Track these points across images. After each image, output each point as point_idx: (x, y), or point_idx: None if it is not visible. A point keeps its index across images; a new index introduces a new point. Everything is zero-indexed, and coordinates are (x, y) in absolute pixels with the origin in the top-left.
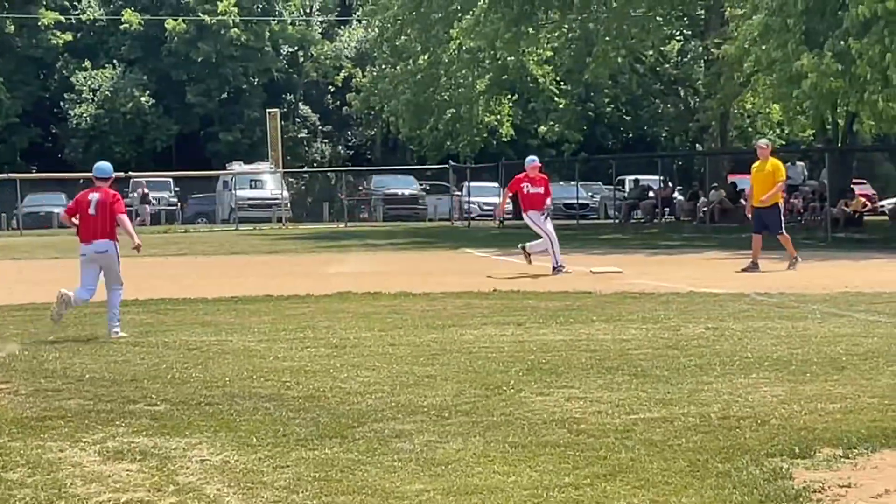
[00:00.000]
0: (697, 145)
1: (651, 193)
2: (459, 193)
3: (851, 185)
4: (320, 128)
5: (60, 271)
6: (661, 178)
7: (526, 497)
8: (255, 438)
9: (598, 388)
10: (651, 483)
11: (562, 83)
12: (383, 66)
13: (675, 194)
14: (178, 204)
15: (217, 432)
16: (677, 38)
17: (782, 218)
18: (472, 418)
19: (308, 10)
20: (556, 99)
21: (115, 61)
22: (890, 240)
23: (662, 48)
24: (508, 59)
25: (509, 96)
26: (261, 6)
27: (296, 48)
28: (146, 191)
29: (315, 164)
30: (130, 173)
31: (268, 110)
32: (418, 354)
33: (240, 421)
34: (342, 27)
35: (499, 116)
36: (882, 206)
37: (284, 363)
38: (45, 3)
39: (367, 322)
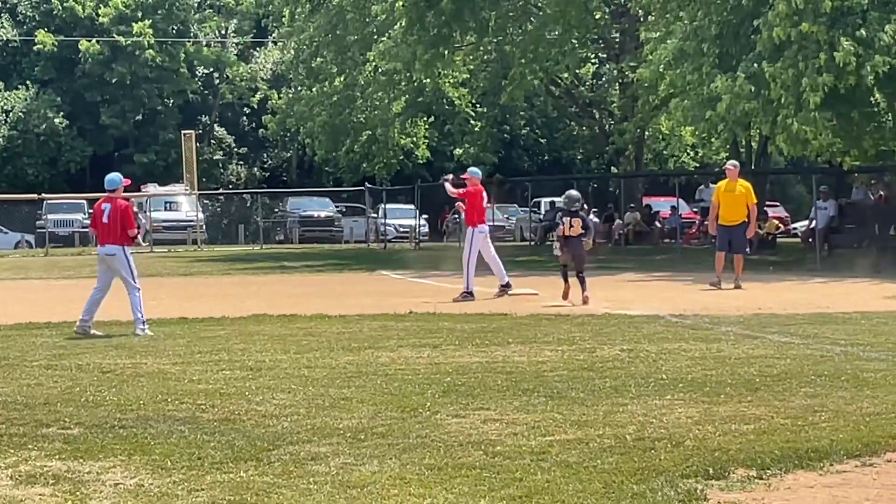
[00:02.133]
0: (613, 168)
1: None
2: (375, 215)
3: (765, 208)
4: (236, 150)
5: None
6: None
7: None
8: (170, 462)
9: (514, 410)
10: None
11: (477, 105)
12: (299, 88)
13: (591, 216)
14: None
15: (131, 456)
16: (592, 61)
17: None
18: (388, 440)
19: (223, 32)
20: (471, 121)
21: (28, 82)
22: (802, 262)
23: (578, 71)
24: (424, 81)
25: (425, 118)
26: (176, 27)
27: (211, 70)
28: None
29: (230, 186)
30: (44, 195)
31: (183, 132)
32: (334, 377)
33: (154, 444)
34: (258, 49)
35: (415, 139)
36: (794, 229)
37: (199, 386)
38: None
39: (282, 344)
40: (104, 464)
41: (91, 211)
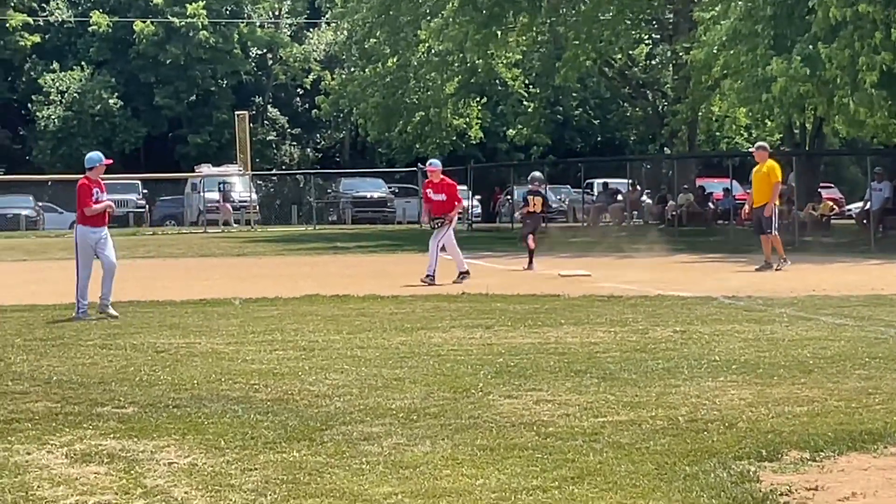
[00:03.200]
0: (666, 149)
1: (620, 197)
2: None
3: (819, 189)
4: (289, 130)
5: (27, 274)
6: (630, 181)
7: (494, 500)
8: (223, 441)
9: (567, 391)
10: (619, 486)
11: (531, 86)
12: (352, 69)
13: (644, 198)
14: (147, 206)
15: (185, 435)
16: (646, 41)
17: (775, 219)
18: (441, 421)
19: (277, 13)
20: (524, 102)
21: (83, 63)
22: (857, 244)
23: (631, 52)
24: (477, 61)
25: (478, 99)
26: (230, 8)
27: (265, 50)
28: (228, 188)
29: (284, 167)
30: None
31: (236, 113)
32: (387, 357)
33: (208, 423)
34: (311, 30)
35: (467, 119)
36: (849, 210)
37: (252, 366)
38: (12, 4)
39: (335, 325)
40: (158, 443)
41: (145, 191)
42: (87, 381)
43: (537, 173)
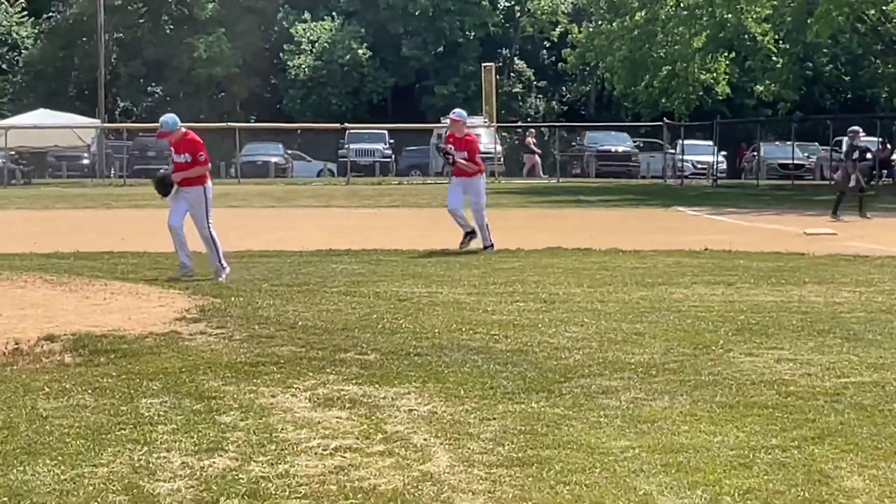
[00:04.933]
0: None
1: (869, 155)
2: (673, 151)
3: None
4: (535, 83)
5: (275, 220)
6: (880, 139)
7: (732, 457)
8: (463, 390)
9: (809, 351)
10: (860, 447)
11: (780, 42)
12: (600, 23)
13: (894, 157)
14: (393, 156)
15: (425, 383)
16: None
17: None
18: (680, 377)
19: None
20: (773, 58)
21: (333, 14)
22: None
23: (885, 7)
24: (726, 16)
25: (726, 54)
26: None
27: (512, 3)
28: (533, 140)
29: (529, 119)
30: (347, 125)
31: (483, 64)
32: (627, 311)
33: (448, 372)
34: None
35: (715, 74)
36: None
37: (493, 316)
38: None
39: (576, 278)
40: (399, 390)
41: (392, 141)
42: (331, 327)
43: (854, 126)
